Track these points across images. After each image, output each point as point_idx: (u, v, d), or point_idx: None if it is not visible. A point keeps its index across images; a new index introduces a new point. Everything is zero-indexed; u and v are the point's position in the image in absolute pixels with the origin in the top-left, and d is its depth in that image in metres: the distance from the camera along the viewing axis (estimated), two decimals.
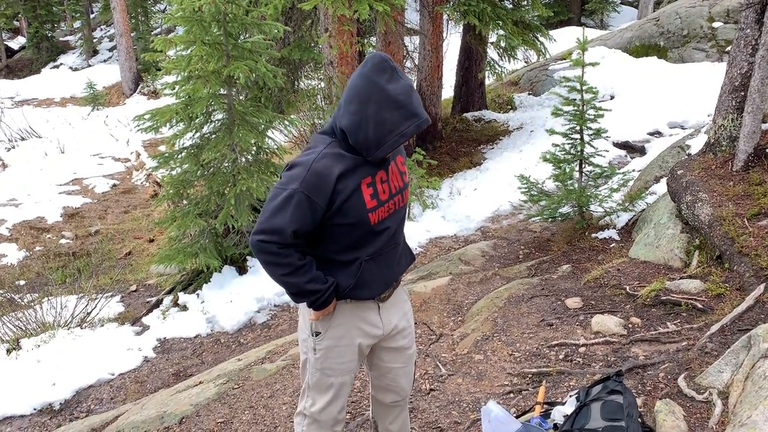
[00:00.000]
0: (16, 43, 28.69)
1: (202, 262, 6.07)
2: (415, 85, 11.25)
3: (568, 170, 6.08)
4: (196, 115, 6.07)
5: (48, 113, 19.32)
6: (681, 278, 4.40)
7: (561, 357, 3.80)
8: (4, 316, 6.47)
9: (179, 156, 6.25)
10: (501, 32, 9.31)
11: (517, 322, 4.35)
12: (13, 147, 15.08)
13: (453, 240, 7.02)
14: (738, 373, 2.85)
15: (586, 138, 6.03)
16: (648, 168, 6.94)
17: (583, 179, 6.14)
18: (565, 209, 6.16)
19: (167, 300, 6.61)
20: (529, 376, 3.64)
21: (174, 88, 6.18)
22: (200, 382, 4.06)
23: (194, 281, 6.58)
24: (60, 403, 4.91)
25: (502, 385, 3.63)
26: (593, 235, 5.86)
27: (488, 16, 8.64)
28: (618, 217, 6.00)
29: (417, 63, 10.58)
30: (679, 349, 3.54)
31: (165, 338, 5.80)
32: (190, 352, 5.50)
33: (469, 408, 3.47)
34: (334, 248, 2.30)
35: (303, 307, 2.45)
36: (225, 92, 6.22)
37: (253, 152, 6.45)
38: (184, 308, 6.28)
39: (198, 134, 6.41)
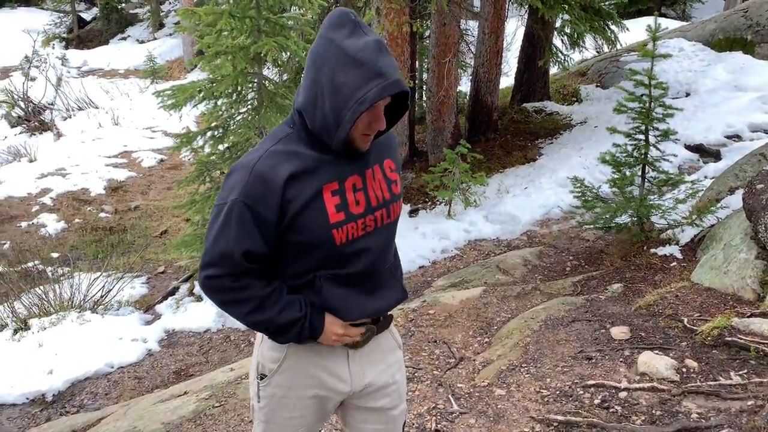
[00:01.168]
0: (89, 14, 29.27)
1: None
2: (471, 71, 10.59)
3: (628, 175, 5.37)
4: (221, 94, 5.65)
5: (109, 84, 19.53)
6: (752, 315, 3.69)
7: (596, 402, 3.19)
8: (24, 292, 6.30)
9: (203, 136, 5.86)
10: (567, 17, 8.54)
11: (551, 351, 3.75)
12: (70, 117, 15.21)
13: (494, 243, 6.41)
14: None
15: (652, 140, 5.30)
16: (722, 176, 6.12)
17: (645, 186, 5.42)
18: (622, 219, 5.46)
19: (184, 288, 6.29)
20: (555, 424, 3.04)
21: (203, 63, 5.79)
22: (185, 393, 3.65)
23: None
24: (53, 395, 4.63)
25: None
26: (652, 250, 5.15)
27: None
28: (682, 231, 5.26)
29: (474, 48, 9.91)
30: (743, 410, 2.88)
31: (173, 330, 5.46)
32: (197, 349, 5.14)
33: None
34: (287, 272, 1.78)
35: (257, 335, 1.93)
36: (255, 70, 5.78)
37: None
38: (199, 298, 5.94)
39: (226, 114, 6.00)
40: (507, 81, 11.93)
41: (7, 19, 31.20)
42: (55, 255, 8.69)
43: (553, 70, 11.62)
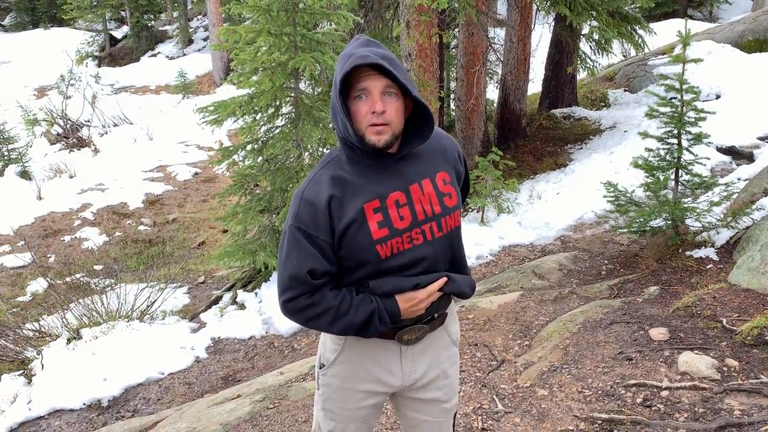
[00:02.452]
0: (120, 33, 30.02)
1: (261, 261, 5.86)
2: (498, 78, 10.70)
3: (662, 179, 5.42)
4: (260, 109, 5.85)
5: (142, 100, 20.04)
6: None
7: (639, 401, 3.27)
8: (72, 303, 6.54)
9: (243, 150, 6.06)
10: (594, 24, 8.60)
11: (591, 353, 3.84)
12: (106, 133, 15.66)
13: (528, 249, 6.49)
14: None
15: (685, 143, 5.35)
16: (756, 178, 6.13)
17: (678, 189, 5.47)
18: (656, 222, 5.50)
19: (227, 297, 6.48)
20: (599, 422, 3.13)
21: (241, 80, 5.99)
22: (238, 396, 3.81)
23: (254, 279, 6.41)
24: (108, 400, 4.83)
25: (566, 430, 3.15)
26: (688, 253, 5.19)
27: (580, 6, 7.98)
28: (718, 234, 5.29)
29: (502, 55, 10.02)
30: None
31: (219, 338, 5.64)
32: (242, 355, 5.31)
33: None
34: (342, 283, 1.92)
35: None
36: (292, 85, 5.97)
37: (318, 148, 6.18)
38: (242, 307, 6.12)
39: (264, 128, 6.20)
40: (534, 87, 11.99)
41: (41, 38, 32.13)
42: (98, 267, 8.98)
43: (581, 75, 11.67)
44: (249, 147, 6.08)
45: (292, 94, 6.03)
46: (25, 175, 12.80)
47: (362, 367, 1.97)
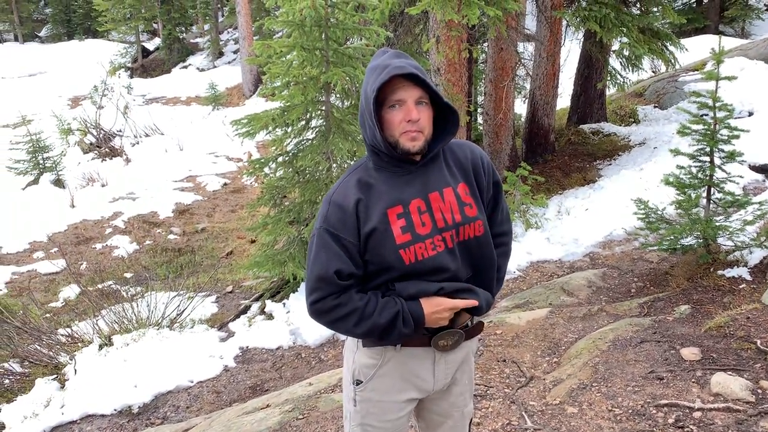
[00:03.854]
0: (152, 45, 30.63)
1: (290, 272, 5.93)
2: (527, 93, 10.69)
3: (693, 197, 5.37)
4: (292, 122, 5.94)
5: (173, 111, 20.38)
6: None
7: (670, 422, 3.24)
8: (104, 309, 6.67)
9: (274, 162, 6.15)
10: (624, 40, 8.57)
11: (621, 371, 3.81)
12: (138, 143, 15.95)
13: (557, 265, 6.46)
14: None
15: (717, 161, 5.30)
16: None
17: (710, 207, 5.41)
18: (687, 240, 5.45)
19: (255, 306, 6.54)
20: None
21: (274, 94, 6.09)
22: (267, 405, 3.85)
23: (283, 289, 6.47)
24: (139, 407, 4.90)
25: None
26: (720, 272, 5.12)
27: (611, 23, 7.96)
28: (751, 253, 5.21)
29: (531, 71, 10.02)
30: None
31: (247, 347, 5.70)
32: (270, 365, 5.35)
33: None
34: (368, 287, 1.97)
35: (348, 344, 2.12)
36: (323, 98, 6.05)
37: (347, 161, 6.24)
38: (270, 317, 6.17)
39: (295, 140, 6.28)
40: (563, 102, 11.96)
41: (76, 50, 32.89)
42: (128, 275, 9.13)
43: (610, 90, 11.61)
44: (280, 159, 6.17)
45: (323, 108, 6.11)
46: (59, 183, 13.08)
47: (401, 378, 2.02)
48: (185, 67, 27.22)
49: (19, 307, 7.02)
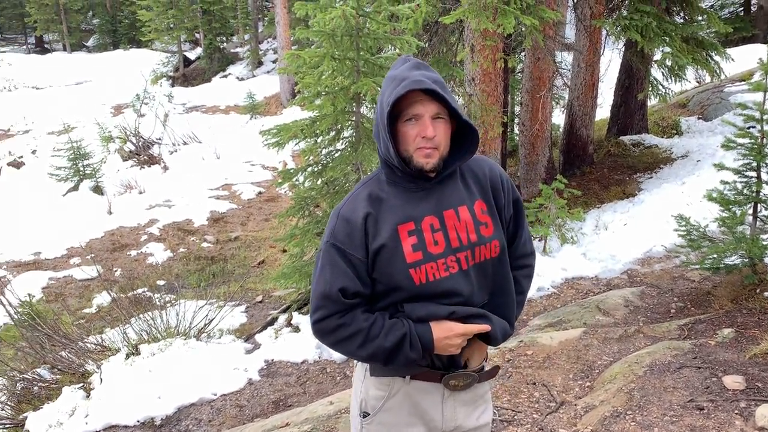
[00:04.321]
0: (193, 54, 31.16)
1: None
2: (565, 103, 10.46)
3: (738, 213, 5.10)
4: (322, 132, 5.87)
5: (211, 120, 20.64)
6: None
7: None
8: (134, 317, 6.69)
9: (304, 173, 6.09)
10: (667, 50, 8.29)
11: (657, 399, 3.60)
12: (176, 151, 16.16)
13: (593, 282, 6.23)
14: None
15: (765, 177, 5.04)
16: None
17: (757, 225, 5.14)
18: (731, 260, 5.17)
19: (282, 318, 6.48)
20: None
21: (304, 104, 6.04)
22: (287, 424, 3.76)
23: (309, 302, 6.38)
24: (161, 419, 4.86)
25: None
26: (766, 293, 4.85)
27: (653, 32, 7.71)
28: None
29: (569, 80, 9.79)
30: None
31: (272, 360, 5.63)
32: (294, 379, 5.27)
33: None
34: (375, 308, 1.86)
35: (357, 373, 2.00)
36: (353, 109, 5.97)
37: None
38: (297, 329, 6.10)
39: (325, 150, 6.22)
40: (602, 113, 11.68)
41: (121, 59, 33.70)
42: (161, 282, 9.19)
43: (651, 101, 11.29)
44: (309, 169, 6.11)
45: (353, 118, 6.03)
46: (97, 189, 13.32)
47: (409, 412, 1.89)
48: (225, 76, 27.57)
49: (51, 314, 7.09)
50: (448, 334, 1.80)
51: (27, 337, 6.11)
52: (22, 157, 15.87)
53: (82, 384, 5.35)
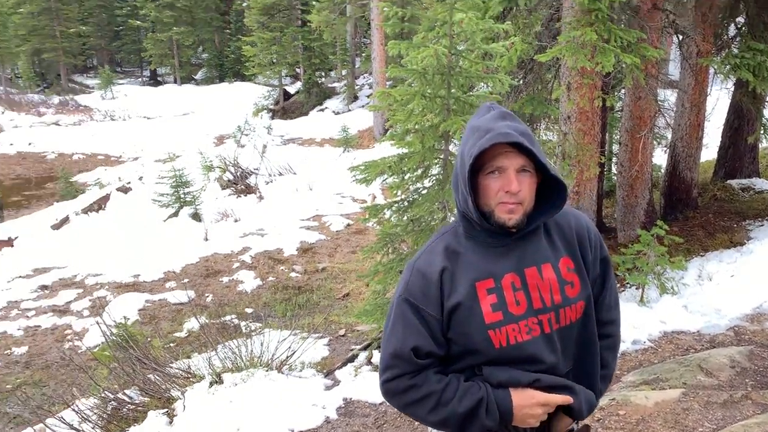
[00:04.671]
0: (293, 88, 32.38)
1: None
2: (667, 143, 9.95)
3: None
4: (409, 169, 5.83)
5: (307, 152, 21.25)
6: None
7: None
8: (220, 344, 6.82)
9: (389, 209, 6.05)
10: None
11: None
12: (272, 181, 16.67)
13: (695, 338, 5.77)
14: None
15: None
16: None
17: None
18: None
19: (362, 355, 6.41)
20: None
21: (394, 141, 6.03)
22: None
23: None
24: None
25: None
26: None
27: (766, 71, 7.22)
28: None
29: (672, 120, 9.32)
30: None
31: (351, 399, 5.54)
32: (372, 421, 5.15)
33: None
34: (449, 370, 1.74)
35: None
36: (442, 147, 5.90)
37: None
38: (377, 368, 6.00)
39: (412, 188, 6.16)
40: (707, 155, 11.03)
41: (225, 92, 35.55)
42: (249, 310, 9.39)
43: (763, 143, 10.56)
44: (396, 206, 6.07)
45: (442, 156, 5.95)
46: (196, 216, 13.89)
47: None
48: (322, 110, 28.45)
49: (143, 336, 7.36)
50: (529, 402, 1.66)
51: (119, 359, 6.35)
52: (129, 182, 16.86)
53: (166, 409, 5.47)
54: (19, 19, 38.25)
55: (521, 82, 8.34)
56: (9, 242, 12.74)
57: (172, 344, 8.18)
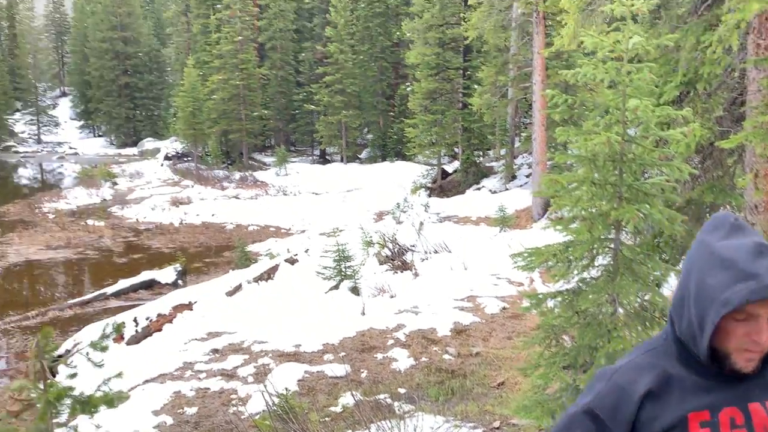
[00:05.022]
0: (451, 167, 33.04)
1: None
2: None
3: None
4: (575, 259, 5.60)
5: (462, 230, 21.31)
6: None
7: None
8: (374, 423, 6.82)
9: (552, 299, 5.82)
10: None
11: None
12: (427, 258, 16.86)
13: None
14: None
15: None
16: None
17: None
18: None
19: None
20: None
21: (558, 226, 5.86)
22: None
23: None
24: None
25: None
26: None
27: None
28: None
29: None
30: None
31: None
32: None
33: None
34: None
35: None
36: (612, 236, 5.62)
37: (636, 306, 5.63)
38: None
39: (577, 277, 5.90)
40: None
41: (387, 170, 37.04)
42: (402, 390, 9.33)
43: None
44: (560, 297, 5.82)
45: (612, 245, 5.67)
46: (355, 290, 14.32)
47: None
48: (479, 188, 28.60)
49: (301, 409, 7.56)
50: None
51: (279, 430, 6.55)
52: (296, 254, 17.87)
53: None
54: (212, 105, 43.12)
55: (700, 167, 7.84)
56: (189, 306, 13.90)
57: (327, 418, 8.30)
